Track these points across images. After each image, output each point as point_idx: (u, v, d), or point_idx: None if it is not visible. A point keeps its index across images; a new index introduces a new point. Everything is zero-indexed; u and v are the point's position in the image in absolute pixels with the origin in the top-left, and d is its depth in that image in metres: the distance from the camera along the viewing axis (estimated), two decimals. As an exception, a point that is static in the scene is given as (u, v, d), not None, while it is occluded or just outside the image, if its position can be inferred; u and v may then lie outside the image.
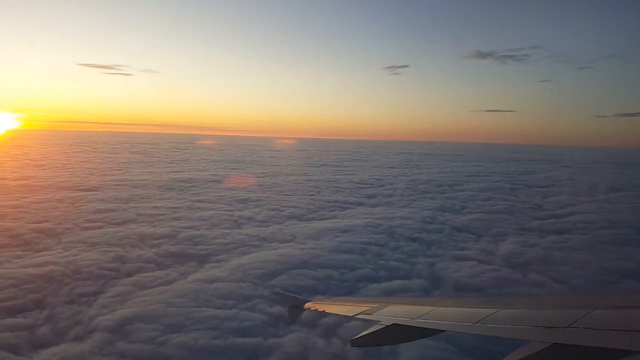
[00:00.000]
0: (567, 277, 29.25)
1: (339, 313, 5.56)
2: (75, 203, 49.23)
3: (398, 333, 4.14)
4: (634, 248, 38.26)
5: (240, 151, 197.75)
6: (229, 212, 47.56)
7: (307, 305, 6.42)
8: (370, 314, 4.69)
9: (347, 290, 25.82)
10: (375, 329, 4.24)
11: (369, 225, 42.34)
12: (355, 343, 4.31)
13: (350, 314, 5.08)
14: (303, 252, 32.21)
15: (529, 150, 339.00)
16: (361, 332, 4.31)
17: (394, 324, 4.20)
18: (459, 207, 57.62)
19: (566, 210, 58.84)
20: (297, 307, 6.61)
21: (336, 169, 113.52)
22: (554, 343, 2.82)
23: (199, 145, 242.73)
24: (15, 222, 39.23)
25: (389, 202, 60.62)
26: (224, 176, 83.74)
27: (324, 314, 6.04)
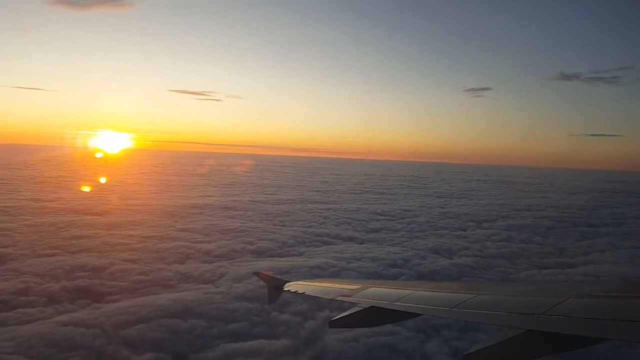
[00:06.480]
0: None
1: (318, 295, 5.63)
2: (63, 228, 51.91)
3: (376, 315, 4.15)
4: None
5: (300, 174, 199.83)
6: (194, 244, 47.18)
7: (286, 286, 6.43)
8: (350, 296, 4.70)
9: (182, 351, 23.82)
10: (354, 311, 4.25)
11: (319, 267, 39.57)
12: (333, 324, 4.36)
13: (329, 296, 5.12)
14: (200, 297, 30.60)
15: (630, 180, 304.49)
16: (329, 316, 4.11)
17: (372, 306, 4.20)
18: (458, 249, 52.18)
19: (588, 257, 51.00)
20: (276, 288, 6.61)
21: (376, 197, 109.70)
22: (528, 330, 2.87)
23: (266, 167, 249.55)
24: (-15, 245, 42.10)
25: (384, 239, 56.75)
26: (247, 202, 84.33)
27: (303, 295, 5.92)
